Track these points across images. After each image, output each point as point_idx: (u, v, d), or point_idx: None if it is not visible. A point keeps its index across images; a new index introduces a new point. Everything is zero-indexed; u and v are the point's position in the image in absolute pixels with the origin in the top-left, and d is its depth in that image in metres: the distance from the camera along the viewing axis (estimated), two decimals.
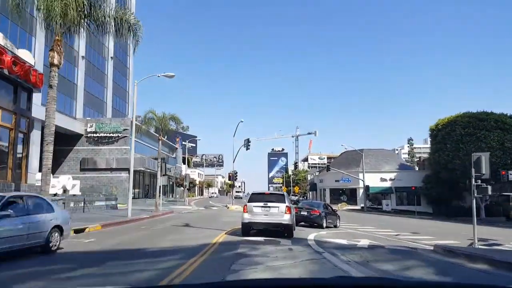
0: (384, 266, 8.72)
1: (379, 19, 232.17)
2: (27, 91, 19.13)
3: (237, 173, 46.64)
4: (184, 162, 67.57)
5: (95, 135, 41.10)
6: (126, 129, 40.03)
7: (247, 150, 45.78)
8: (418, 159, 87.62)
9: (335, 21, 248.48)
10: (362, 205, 50.87)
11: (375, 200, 54.79)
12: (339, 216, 22.68)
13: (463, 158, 39.35)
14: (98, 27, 14.98)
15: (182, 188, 53.43)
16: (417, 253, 11.75)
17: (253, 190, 22.86)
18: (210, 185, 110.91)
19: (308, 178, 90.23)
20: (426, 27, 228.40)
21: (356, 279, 3.57)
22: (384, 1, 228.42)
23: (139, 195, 48.21)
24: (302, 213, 19.93)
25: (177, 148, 70.59)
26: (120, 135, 41.13)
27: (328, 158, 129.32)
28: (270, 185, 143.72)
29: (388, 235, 17.82)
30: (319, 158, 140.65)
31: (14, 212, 8.16)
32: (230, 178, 48.78)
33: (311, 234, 15.31)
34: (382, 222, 28.68)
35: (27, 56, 18.53)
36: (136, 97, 24.61)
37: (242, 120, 43.14)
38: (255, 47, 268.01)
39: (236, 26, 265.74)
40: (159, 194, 29.74)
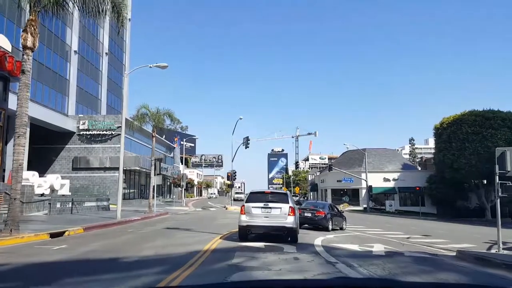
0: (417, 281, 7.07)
1: (382, 17, 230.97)
2: (3, 80, 17.43)
3: (236, 172, 45.02)
4: (182, 161, 65.95)
5: (87, 132, 39.56)
6: (120, 126, 38.36)
7: (246, 148, 44.53)
8: (419, 159, 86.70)
9: (335, 20, 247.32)
10: (365, 205, 49.55)
11: (377, 201, 53.45)
12: (345, 218, 21.13)
13: (469, 157, 38.41)
14: (79, 7, 13.34)
15: (179, 188, 51.80)
16: (444, 262, 10.13)
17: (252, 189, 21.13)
18: (209, 185, 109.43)
19: (309, 179, 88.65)
20: (429, 24, 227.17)
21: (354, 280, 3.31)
22: None
23: (135, 195, 46.59)
24: (306, 214, 18.42)
25: (175, 148, 68.97)
26: (114, 132, 39.55)
27: (328, 158, 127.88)
28: (270, 185, 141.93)
29: (399, 238, 16.54)
30: (320, 158, 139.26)
31: None
32: (229, 178, 47.12)
33: (317, 239, 13.66)
34: (388, 223, 27.89)
35: (2, 41, 16.83)
36: (127, 90, 23.02)
37: (241, 117, 41.81)
38: (256, 47, 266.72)
39: (236, 26, 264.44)
40: (153, 194, 28.26)
